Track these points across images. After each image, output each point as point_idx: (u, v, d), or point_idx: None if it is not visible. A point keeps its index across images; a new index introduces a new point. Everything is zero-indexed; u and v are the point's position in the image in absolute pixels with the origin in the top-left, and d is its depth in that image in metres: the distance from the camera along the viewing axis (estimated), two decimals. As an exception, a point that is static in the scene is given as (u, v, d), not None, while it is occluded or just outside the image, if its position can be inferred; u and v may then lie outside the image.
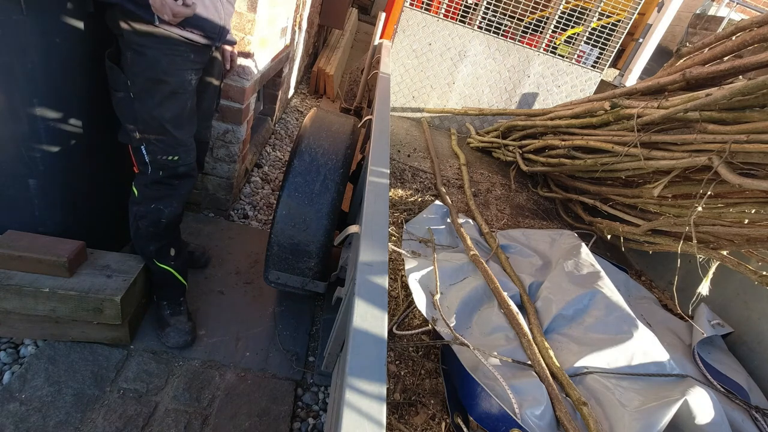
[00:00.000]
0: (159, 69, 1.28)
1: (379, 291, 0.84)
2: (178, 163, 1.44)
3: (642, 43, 5.19)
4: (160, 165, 1.41)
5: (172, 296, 1.66)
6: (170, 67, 1.30)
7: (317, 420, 1.57)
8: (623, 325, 1.54)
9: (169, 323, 1.62)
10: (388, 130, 1.60)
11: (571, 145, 2.50)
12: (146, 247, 1.53)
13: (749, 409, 1.49)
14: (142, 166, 1.42)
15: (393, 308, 1.65)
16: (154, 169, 1.42)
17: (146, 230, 1.49)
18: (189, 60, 1.36)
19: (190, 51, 1.35)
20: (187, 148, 1.46)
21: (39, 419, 1.29)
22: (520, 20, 3.55)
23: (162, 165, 1.42)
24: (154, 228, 1.49)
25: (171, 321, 1.62)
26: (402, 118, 3.69)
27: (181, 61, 1.33)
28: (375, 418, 0.63)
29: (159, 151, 1.39)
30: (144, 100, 1.31)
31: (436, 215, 2.22)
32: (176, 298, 1.66)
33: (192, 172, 1.52)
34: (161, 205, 1.47)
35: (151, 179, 1.44)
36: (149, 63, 1.27)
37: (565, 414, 1.22)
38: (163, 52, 1.28)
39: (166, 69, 1.30)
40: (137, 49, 1.25)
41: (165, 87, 1.32)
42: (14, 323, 1.43)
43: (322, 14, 4.91)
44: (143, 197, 1.46)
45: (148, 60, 1.27)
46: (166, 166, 1.42)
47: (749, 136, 1.60)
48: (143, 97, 1.31)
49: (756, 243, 1.73)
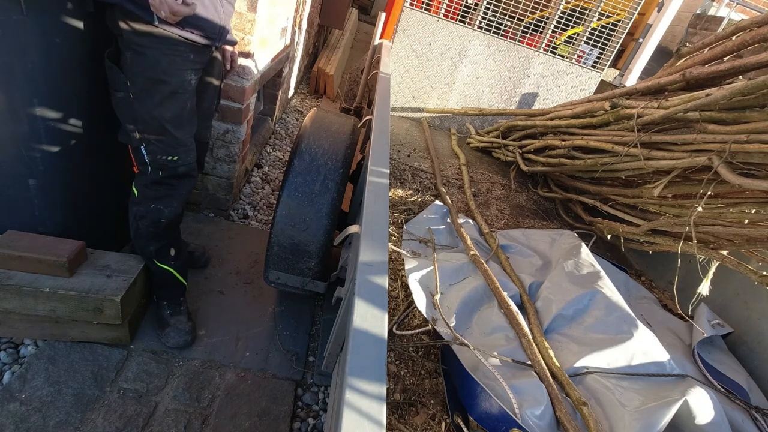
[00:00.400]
0: (159, 69, 1.28)
1: (379, 291, 0.84)
2: (178, 163, 1.44)
3: (642, 43, 5.19)
4: (159, 165, 1.41)
5: (172, 296, 1.66)
6: (170, 67, 1.30)
7: (317, 420, 1.57)
8: (623, 325, 1.54)
9: (169, 323, 1.61)
10: (388, 130, 1.60)
11: (571, 145, 2.50)
12: (146, 247, 1.53)
13: (749, 409, 1.49)
14: (141, 166, 1.42)
15: (393, 308, 1.65)
16: (154, 169, 1.42)
17: (146, 230, 1.49)
18: (189, 60, 1.35)
19: (189, 51, 1.34)
20: (187, 148, 1.45)
21: (39, 419, 1.29)
22: (520, 20, 3.55)
23: (162, 165, 1.41)
24: (154, 228, 1.49)
25: (171, 321, 1.62)
26: (402, 118, 3.69)
27: (180, 61, 1.32)
28: (375, 418, 0.63)
29: (159, 151, 1.39)
30: (144, 100, 1.31)
31: (436, 215, 2.22)
32: (176, 298, 1.66)
33: (192, 172, 1.51)
34: (161, 205, 1.47)
35: (150, 179, 1.43)
36: (149, 63, 1.27)
37: (565, 414, 1.22)
38: (162, 52, 1.27)
39: (166, 69, 1.29)
40: (137, 49, 1.25)
41: (165, 87, 1.31)
42: (14, 323, 1.43)
43: (322, 14, 4.91)
44: (143, 197, 1.46)
45: (147, 60, 1.26)
46: (166, 166, 1.42)
47: (749, 136, 1.60)
48: (143, 97, 1.31)
49: (756, 243, 1.73)
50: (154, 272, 1.59)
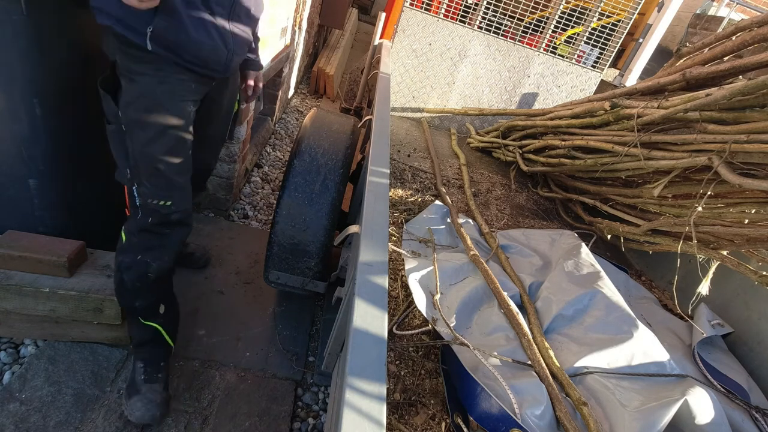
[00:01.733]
0: (153, 99, 1.14)
1: (379, 291, 0.84)
2: (171, 209, 1.25)
3: (642, 43, 5.19)
4: (150, 210, 1.24)
5: (153, 358, 1.40)
6: (165, 97, 1.15)
7: (317, 420, 1.57)
8: (623, 325, 1.54)
9: (140, 390, 1.34)
10: (388, 130, 1.60)
11: (571, 145, 2.50)
12: (131, 302, 1.34)
13: (749, 409, 1.49)
14: (132, 209, 1.27)
15: (393, 308, 1.65)
16: (144, 214, 1.25)
17: (132, 284, 1.29)
18: (189, 90, 1.20)
19: (191, 80, 1.19)
20: (182, 193, 1.27)
21: (39, 419, 1.29)
22: (520, 20, 3.55)
23: (152, 210, 1.24)
24: (141, 283, 1.30)
25: (143, 388, 1.34)
26: (402, 118, 3.69)
27: (180, 90, 1.18)
28: (375, 418, 0.63)
29: (150, 194, 1.22)
30: (136, 134, 1.16)
31: (436, 215, 2.21)
32: (157, 361, 1.40)
33: (187, 219, 1.33)
34: (148, 257, 1.28)
35: (139, 225, 1.26)
36: (142, 92, 1.13)
37: (565, 414, 1.22)
38: (158, 79, 1.13)
39: (161, 99, 1.15)
40: (130, 77, 1.12)
41: (159, 119, 1.15)
42: (14, 323, 1.43)
43: (322, 14, 4.91)
44: (129, 246, 1.28)
45: (140, 88, 1.13)
46: (157, 212, 1.24)
47: (749, 136, 1.60)
48: (135, 131, 1.16)
49: (756, 243, 1.73)
50: (137, 327, 1.38)
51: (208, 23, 1.12)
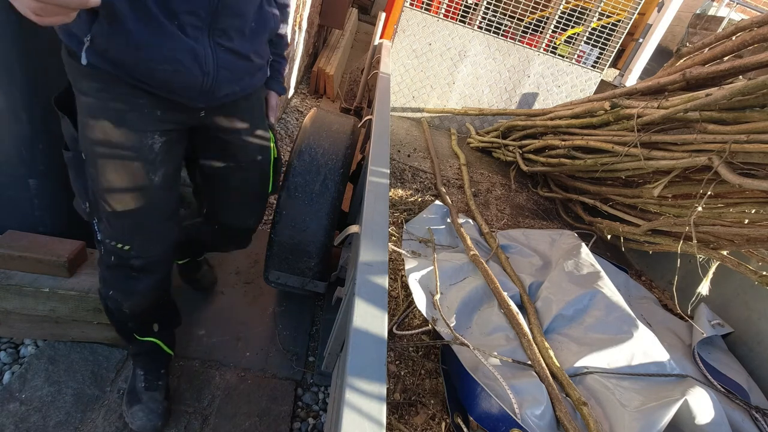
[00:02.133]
0: (99, 125, 0.94)
1: (379, 291, 0.84)
2: (130, 254, 1.08)
3: (642, 43, 5.19)
4: (109, 250, 1.08)
5: (152, 366, 1.35)
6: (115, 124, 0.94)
7: (317, 420, 1.57)
8: (623, 325, 1.54)
9: (141, 399, 1.29)
10: (388, 130, 1.60)
11: (571, 145, 2.50)
12: (121, 326, 1.25)
13: (749, 409, 1.49)
14: (96, 243, 1.11)
15: (393, 308, 1.65)
16: (106, 252, 1.09)
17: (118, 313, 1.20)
18: (152, 118, 0.97)
19: (154, 106, 0.96)
20: (145, 237, 1.08)
21: (39, 419, 1.29)
22: (520, 20, 3.55)
23: (111, 251, 1.08)
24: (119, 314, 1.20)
25: (144, 397, 1.30)
26: (402, 118, 3.69)
27: (133, 117, 0.95)
28: (375, 418, 0.63)
29: (108, 235, 1.06)
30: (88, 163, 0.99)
31: (436, 215, 2.22)
32: (157, 368, 1.35)
33: (155, 267, 1.14)
34: (119, 296, 1.15)
35: (105, 263, 1.12)
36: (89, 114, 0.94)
37: (565, 414, 1.22)
38: (103, 101, 0.92)
39: (109, 126, 0.94)
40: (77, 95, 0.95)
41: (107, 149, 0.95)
42: (14, 323, 1.43)
43: (322, 14, 4.91)
44: (102, 278, 1.16)
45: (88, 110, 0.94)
46: (116, 254, 1.08)
47: (749, 136, 1.60)
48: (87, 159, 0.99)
49: (756, 243, 1.73)
50: (133, 342, 1.29)
51: (172, 37, 0.87)
